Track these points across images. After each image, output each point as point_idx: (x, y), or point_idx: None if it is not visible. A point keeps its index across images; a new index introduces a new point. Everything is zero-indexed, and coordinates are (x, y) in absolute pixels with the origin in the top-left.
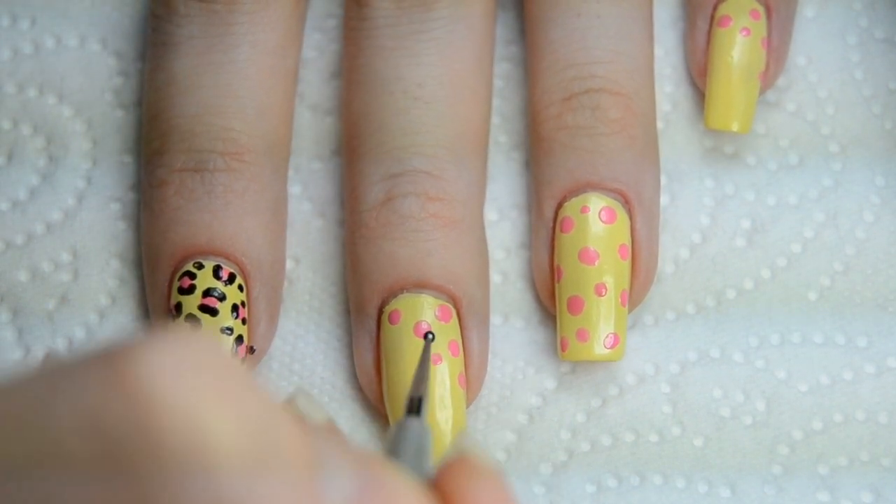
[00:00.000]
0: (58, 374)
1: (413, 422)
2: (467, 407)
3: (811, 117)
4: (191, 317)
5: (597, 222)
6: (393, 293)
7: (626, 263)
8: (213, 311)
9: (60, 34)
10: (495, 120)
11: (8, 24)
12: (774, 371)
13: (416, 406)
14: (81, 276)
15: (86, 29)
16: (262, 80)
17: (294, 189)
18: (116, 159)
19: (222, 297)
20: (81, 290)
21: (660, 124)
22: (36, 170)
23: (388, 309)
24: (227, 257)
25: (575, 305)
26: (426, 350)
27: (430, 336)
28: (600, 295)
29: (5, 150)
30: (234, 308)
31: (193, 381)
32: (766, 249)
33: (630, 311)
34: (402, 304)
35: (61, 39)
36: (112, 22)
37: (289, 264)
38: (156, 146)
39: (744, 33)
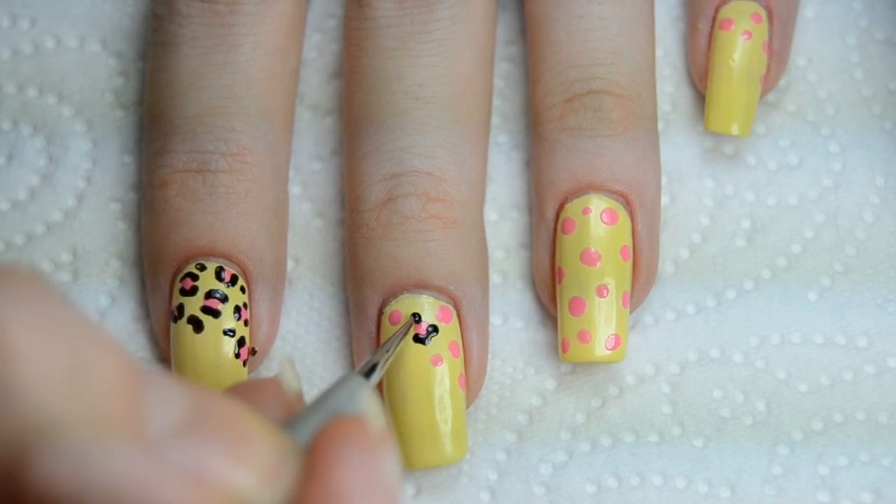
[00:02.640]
0: None
1: (354, 378)
2: (467, 408)
3: (811, 118)
4: (193, 318)
5: (598, 223)
6: (393, 294)
7: (628, 265)
8: (215, 313)
9: (60, 34)
10: (496, 120)
11: (8, 25)
12: (774, 371)
13: (368, 369)
14: (81, 276)
15: (86, 29)
16: (263, 81)
17: (294, 189)
18: (116, 159)
19: (224, 299)
20: (81, 290)
21: (660, 125)
22: (36, 170)
23: (388, 309)
24: (230, 258)
25: (576, 306)
26: (406, 325)
27: (417, 317)
28: (602, 296)
29: (5, 150)
30: (237, 310)
31: (7, 307)
32: (766, 249)
33: (631, 312)
34: (403, 305)
35: (61, 40)
36: (112, 22)
37: (289, 264)
38: (157, 146)
39: (745, 37)
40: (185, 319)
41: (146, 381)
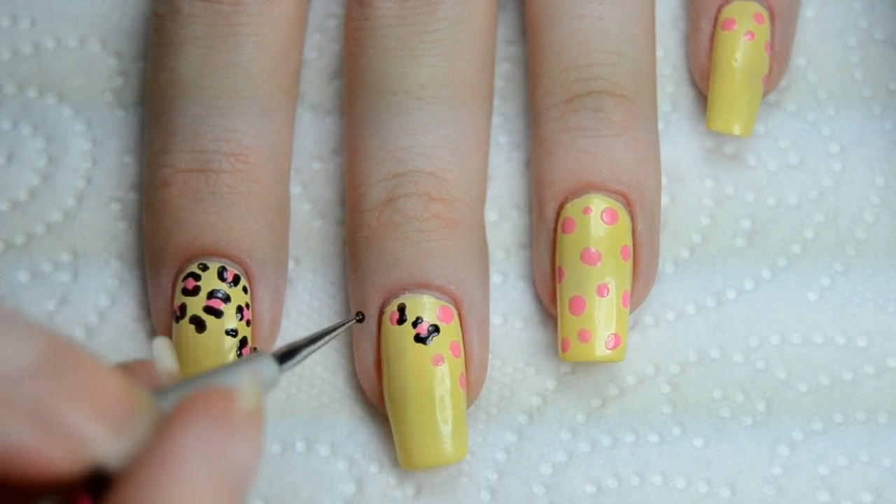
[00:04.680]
0: None
1: (263, 358)
2: (468, 408)
3: (811, 118)
4: (195, 318)
5: (599, 223)
6: (394, 293)
7: (628, 264)
8: (217, 313)
9: (60, 34)
10: (496, 120)
11: (8, 25)
12: (774, 371)
13: (285, 353)
14: (81, 276)
15: (86, 29)
16: (265, 81)
17: (294, 189)
18: (116, 159)
19: (227, 299)
20: (81, 290)
21: (660, 125)
22: (36, 170)
23: (389, 309)
24: (232, 259)
25: (577, 306)
26: (346, 321)
27: (360, 316)
28: (602, 296)
29: (5, 150)
30: (239, 310)
31: None
32: (766, 249)
33: (631, 312)
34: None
35: (61, 40)
36: (112, 22)
37: (289, 264)
38: (159, 146)
39: (747, 37)
40: (187, 319)
41: (1, 321)
